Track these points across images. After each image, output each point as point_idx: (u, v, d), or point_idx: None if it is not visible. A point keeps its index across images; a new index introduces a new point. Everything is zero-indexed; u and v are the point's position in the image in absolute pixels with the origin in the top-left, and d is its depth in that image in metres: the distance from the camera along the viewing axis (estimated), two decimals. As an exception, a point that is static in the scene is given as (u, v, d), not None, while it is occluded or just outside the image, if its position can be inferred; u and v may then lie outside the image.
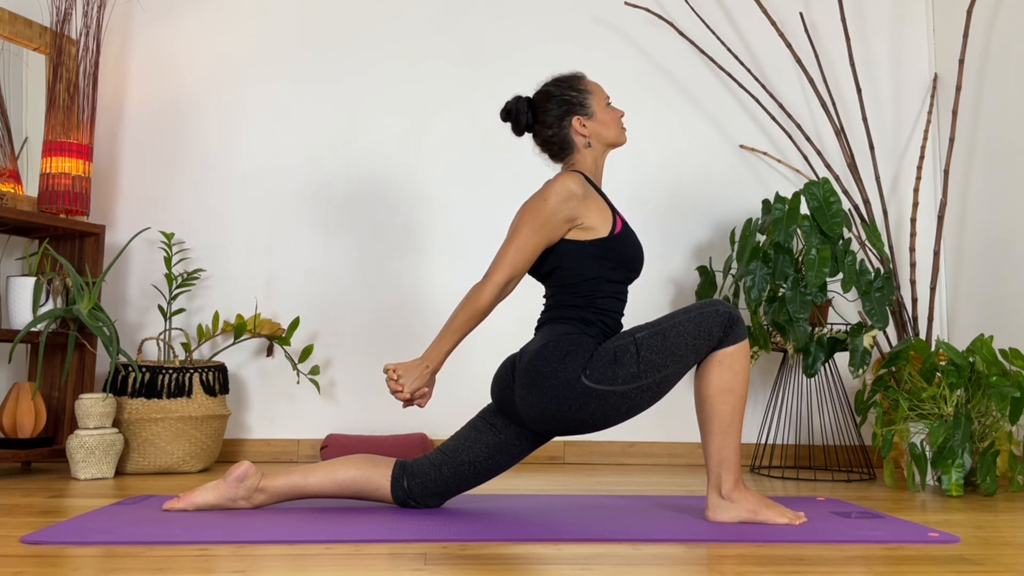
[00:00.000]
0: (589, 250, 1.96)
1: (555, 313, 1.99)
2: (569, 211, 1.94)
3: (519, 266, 1.94)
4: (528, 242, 1.94)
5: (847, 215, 2.77)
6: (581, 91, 2.06)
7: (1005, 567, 1.52)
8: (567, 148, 2.06)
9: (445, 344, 1.94)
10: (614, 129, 2.07)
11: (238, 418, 3.12)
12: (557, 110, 2.05)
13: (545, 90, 2.08)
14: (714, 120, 3.34)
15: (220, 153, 3.21)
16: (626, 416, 1.91)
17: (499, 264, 1.94)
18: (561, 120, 2.04)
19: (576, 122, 2.04)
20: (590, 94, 2.07)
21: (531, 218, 1.95)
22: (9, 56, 2.85)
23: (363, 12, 3.30)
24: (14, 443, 2.66)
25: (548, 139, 2.07)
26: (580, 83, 2.08)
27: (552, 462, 3.17)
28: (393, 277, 3.21)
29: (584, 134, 2.04)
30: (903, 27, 3.43)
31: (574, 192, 1.95)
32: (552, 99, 2.06)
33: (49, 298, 2.73)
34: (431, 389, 1.96)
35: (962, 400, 2.54)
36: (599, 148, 2.07)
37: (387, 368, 1.93)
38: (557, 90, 2.06)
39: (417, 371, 1.93)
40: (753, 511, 1.88)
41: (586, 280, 1.96)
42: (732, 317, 1.88)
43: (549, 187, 1.97)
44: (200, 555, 1.52)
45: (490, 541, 1.68)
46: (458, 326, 1.93)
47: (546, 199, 1.94)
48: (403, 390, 1.92)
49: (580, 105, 2.05)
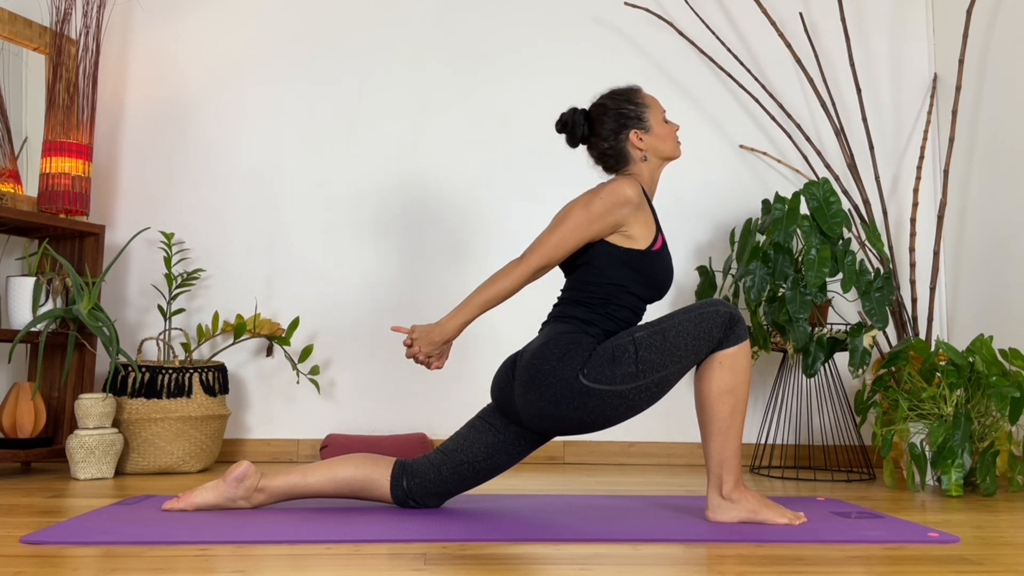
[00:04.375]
0: (622, 257, 1.96)
1: (564, 310, 1.99)
2: (619, 216, 1.94)
3: (556, 257, 1.95)
4: (571, 236, 1.94)
5: (847, 215, 2.77)
6: (638, 104, 2.05)
7: (1005, 567, 1.52)
8: (623, 161, 2.06)
9: (464, 316, 1.96)
10: (670, 143, 2.07)
11: (238, 418, 3.12)
12: (613, 123, 2.04)
13: (602, 103, 2.08)
14: (714, 120, 3.34)
15: (220, 153, 3.21)
16: (625, 416, 1.91)
17: (537, 250, 1.95)
18: (618, 133, 2.04)
19: (633, 135, 2.03)
20: (647, 108, 2.06)
21: (580, 214, 1.95)
22: (9, 56, 2.84)
23: (363, 12, 3.30)
24: (14, 443, 2.66)
25: (604, 152, 2.06)
26: (637, 96, 2.07)
27: (552, 462, 3.17)
28: (393, 277, 3.21)
29: (641, 148, 2.04)
30: (903, 27, 3.43)
31: (630, 199, 1.94)
32: (608, 112, 2.05)
33: (49, 298, 2.73)
34: (445, 356, 2.01)
35: (962, 400, 2.54)
36: (655, 162, 2.06)
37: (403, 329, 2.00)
38: (614, 103, 2.06)
39: (431, 339, 1.96)
40: (753, 511, 1.89)
41: (609, 284, 1.96)
42: (733, 317, 1.88)
43: (606, 188, 1.96)
44: (200, 555, 1.52)
45: (490, 541, 1.68)
46: (482, 301, 1.95)
47: (601, 198, 1.94)
48: (417, 353, 1.96)
49: (637, 119, 2.04)
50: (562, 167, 3.29)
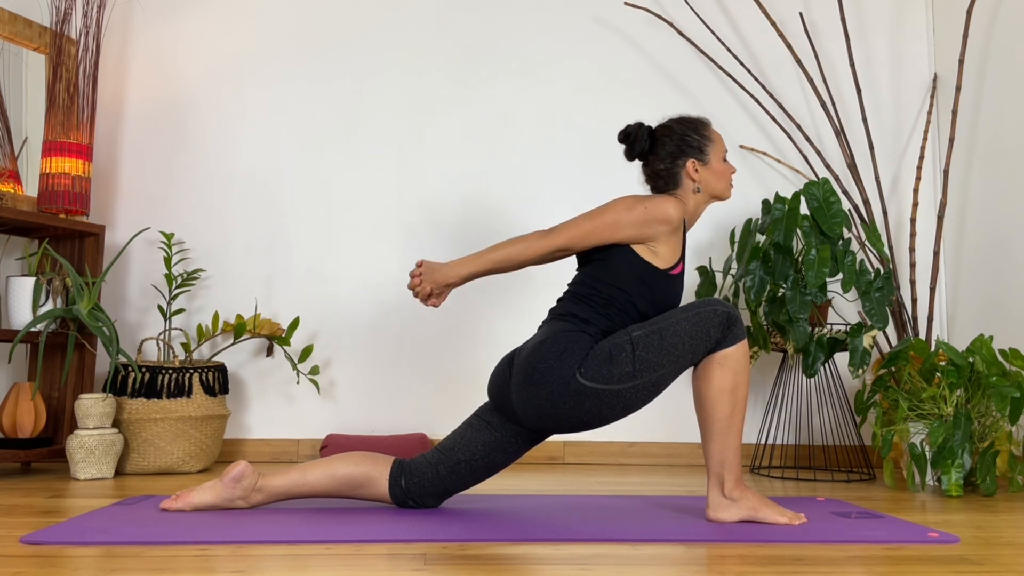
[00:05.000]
0: (640, 268, 1.96)
1: (565, 306, 1.99)
2: (654, 231, 1.95)
3: (581, 244, 1.97)
4: (603, 231, 1.95)
5: (847, 215, 2.77)
6: (704, 137, 2.06)
7: (1005, 567, 1.52)
8: (673, 185, 2.05)
9: (472, 266, 1.98)
10: (723, 182, 2.07)
11: (238, 418, 3.12)
12: (674, 147, 2.04)
13: (668, 125, 2.08)
14: (714, 120, 3.32)
15: (220, 153, 3.21)
16: (621, 415, 1.91)
17: (567, 230, 1.96)
18: (676, 158, 2.04)
19: (690, 165, 2.03)
20: (711, 143, 2.06)
21: (621, 213, 1.95)
22: (9, 56, 2.84)
23: (363, 12, 3.30)
24: (14, 443, 2.66)
25: (658, 172, 2.06)
26: (705, 129, 2.07)
27: (552, 462, 3.17)
28: (393, 277, 3.21)
29: (695, 178, 2.04)
30: (903, 27, 3.43)
31: (670, 219, 1.95)
32: (673, 136, 2.05)
33: (49, 298, 2.73)
34: (443, 298, 2.04)
35: (962, 400, 2.54)
36: (704, 196, 2.06)
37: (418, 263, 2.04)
38: (680, 128, 2.06)
39: (434, 277, 2.00)
40: (754, 509, 1.89)
41: (616, 288, 1.95)
42: (731, 317, 1.88)
43: (654, 201, 1.96)
44: (200, 555, 1.52)
45: (490, 541, 1.68)
46: (495, 258, 1.97)
47: (645, 207, 1.95)
48: (417, 286, 2.01)
49: (699, 150, 2.04)
50: (562, 167, 3.29)
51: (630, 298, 1.95)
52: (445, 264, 2.01)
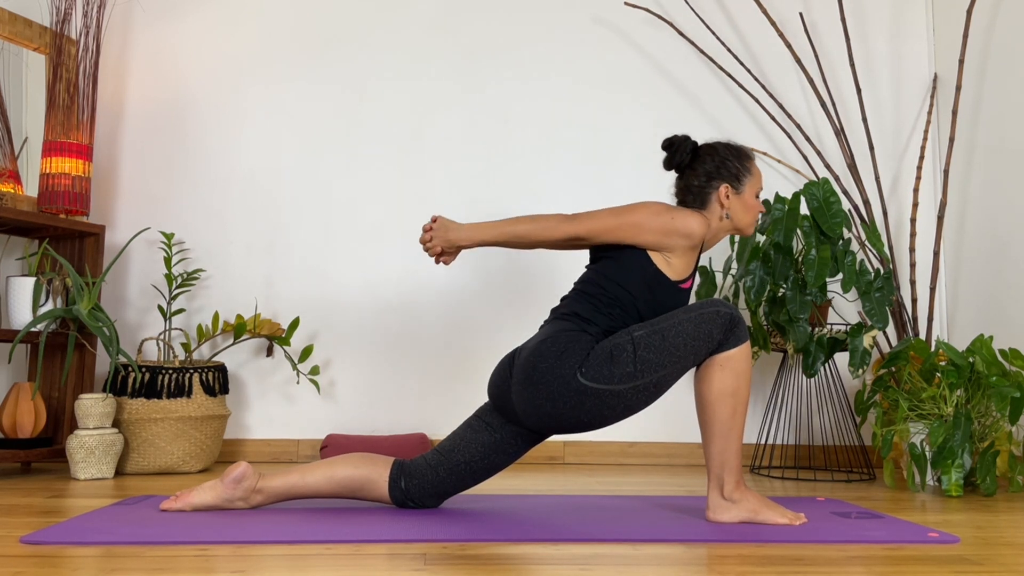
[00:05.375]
0: (649, 271, 1.95)
1: (568, 305, 1.99)
2: (672, 242, 1.95)
3: (600, 236, 1.96)
4: (625, 230, 1.95)
5: (847, 215, 2.77)
6: (744, 167, 2.05)
7: (1005, 567, 1.52)
8: (701, 204, 2.04)
9: (485, 233, 1.99)
10: (750, 217, 2.06)
11: (238, 418, 3.12)
12: (713, 168, 2.03)
13: (713, 146, 2.07)
14: (714, 120, 3.34)
15: (220, 153, 3.21)
16: (622, 416, 1.90)
17: (589, 220, 1.96)
18: (711, 179, 2.03)
19: (724, 189, 2.02)
20: (750, 175, 2.05)
21: (645, 217, 1.94)
22: (9, 56, 2.84)
23: (363, 12, 3.30)
24: (14, 443, 2.66)
25: (691, 187, 2.05)
26: (747, 160, 2.06)
27: (552, 462, 3.17)
28: (393, 277, 3.21)
29: (725, 204, 2.03)
30: (903, 27, 3.43)
31: (692, 235, 1.94)
32: (716, 156, 2.04)
33: (49, 298, 2.73)
34: (452, 257, 2.05)
35: (962, 400, 2.54)
36: (727, 224, 2.05)
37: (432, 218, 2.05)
38: (724, 152, 2.05)
39: (446, 235, 2.01)
40: (754, 511, 1.89)
41: (622, 288, 1.95)
42: (733, 319, 1.87)
43: (681, 213, 1.96)
44: (200, 555, 1.52)
45: (490, 541, 1.68)
46: (510, 231, 1.97)
47: (672, 218, 1.94)
48: (428, 241, 2.03)
49: (736, 178, 2.03)
50: (562, 167, 3.29)
51: (634, 301, 1.95)
52: (460, 225, 2.01)
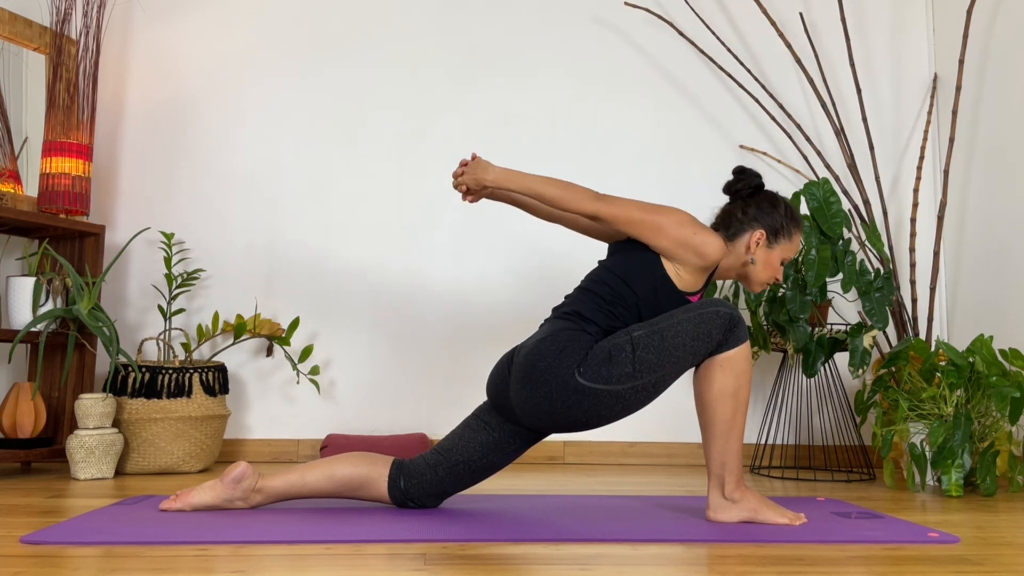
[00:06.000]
0: (658, 275, 1.95)
1: (572, 303, 1.98)
2: (686, 256, 1.93)
3: (617, 225, 1.95)
4: (643, 228, 1.94)
5: (847, 215, 2.77)
6: (788, 229, 2.03)
7: (1005, 567, 1.52)
8: (730, 235, 2.04)
9: (514, 181, 1.99)
10: (765, 275, 2.05)
11: (238, 418, 3.12)
12: (759, 213, 2.02)
13: (773, 195, 2.06)
14: (714, 120, 3.34)
15: (220, 153, 3.21)
16: (620, 415, 1.90)
17: (614, 206, 1.94)
18: (753, 220, 2.02)
19: (759, 235, 2.01)
20: (788, 240, 2.04)
21: (668, 223, 1.93)
22: (9, 56, 2.84)
23: (363, 12, 3.30)
24: (14, 443, 2.66)
25: (732, 216, 2.04)
26: (795, 225, 2.05)
27: (552, 462, 3.16)
28: (393, 277, 3.21)
29: (752, 250, 2.02)
30: (903, 27, 3.43)
31: (706, 256, 1.94)
32: (767, 204, 2.03)
33: (49, 298, 2.73)
34: (477, 198, 2.08)
35: (962, 400, 2.54)
36: (743, 269, 2.04)
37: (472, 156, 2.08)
38: (777, 204, 2.04)
39: (475, 174, 2.03)
40: (754, 511, 1.89)
41: (628, 287, 1.95)
42: (733, 319, 1.87)
43: (705, 233, 1.94)
44: (200, 555, 1.52)
45: (490, 541, 1.68)
46: (536, 188, 1.97)
47: (694, 233, 1.93)
48: (460, 175, 2.06)
49: (775, 234, 2.02)
50: (562, 167, 3.29)
51: (638, 302, 1.94)
52: (491, 166, 2.02)
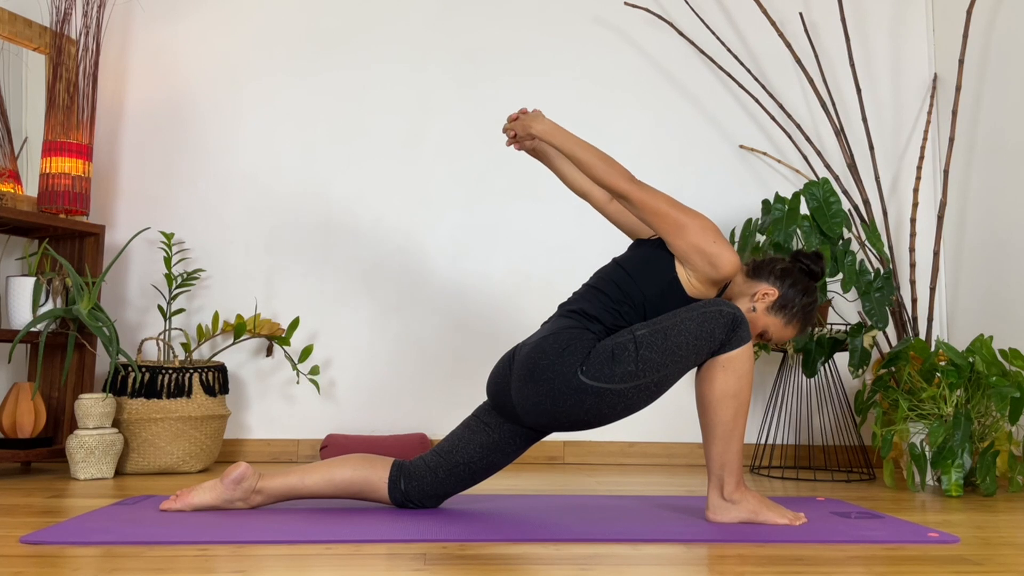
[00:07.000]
0: (669, 276, 1.95)
1: (577, 302, 1.98)
2: (695, 263, 1.92)
3: (641, 212, 1.94)
4: (666, 223, 1.93)
5: (847, 215, 2.77)
6: (792, 315, 2.02)
7: (1005, 567, 1.52)
8: (754, 271, 2.04)
9: (560, 137, 2.00)
10: (754, 329, 2.04)
11: (238, 418, 3.12)
12: (788, 286, 2.02)
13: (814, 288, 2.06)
14: (714, 120, 3.34)
15: (220, 153, 3.21)
16: (622, 414, 1.90)
17: (644, 193, 1.93)
18: (776, 279, 2.02)
19: (769, 292, 2.01)
20: (787, 324, 2.03)
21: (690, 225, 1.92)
22: (9, 56, 2.84)
23: (363, 12, 3.30)
24: (14, 443, 2.66)
25: (773, 264, 2.05)
26: (800, 320, 2.04)
27: (552, 462, 3.16)
28: (393, 277, 3.21)
29: (757, 300, 2.01)
30: (903, 27, 3.43)
31: (717, 268, 1.93)
32: (802, 286, 2.02)
33: (49, 298, 2.73)
34: (522, 147, 2.12)
35: (962, 400, 2.54)
36: (747, 306, 2.02)
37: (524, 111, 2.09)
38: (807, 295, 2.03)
39: (526, 124, 2.04)
40: (754, 511, 1.88)
41: (636, 285, 1.95)
42: (736, 318, 1.86)
43: (724, 250, 1.93)
44: (200, 555, 1.52)
45: (490, 541, 1.68)
46: (576, 152, 1.98)
47: (713, 242, 1.92)
48: (514, 124, 2.08)
49: (782, 308, 2.01)
50: (562, 167, 3.28)
51: (644, 302, 1.94)
52: (545, 118, 2.03)
